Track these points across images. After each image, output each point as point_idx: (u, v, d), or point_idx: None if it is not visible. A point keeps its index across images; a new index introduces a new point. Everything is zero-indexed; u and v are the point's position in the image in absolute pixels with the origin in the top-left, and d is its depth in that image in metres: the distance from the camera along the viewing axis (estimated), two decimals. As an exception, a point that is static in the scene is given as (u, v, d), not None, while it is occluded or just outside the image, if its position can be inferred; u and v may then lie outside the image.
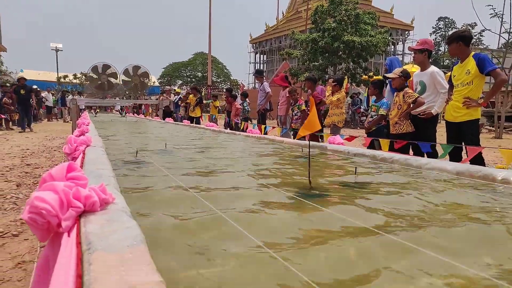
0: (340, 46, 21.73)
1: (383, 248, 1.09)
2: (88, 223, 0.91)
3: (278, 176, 2.13)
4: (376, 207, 1.47)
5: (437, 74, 4.98)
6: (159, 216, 1.33)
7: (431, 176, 2.07)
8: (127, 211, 1.03)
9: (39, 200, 0.94)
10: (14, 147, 9.43)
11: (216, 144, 4.12)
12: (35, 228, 0.96)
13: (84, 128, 4.16)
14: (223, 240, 1.11)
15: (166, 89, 17.46)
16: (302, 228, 1.25)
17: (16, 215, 3.86)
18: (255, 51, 60.42)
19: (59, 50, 40.29)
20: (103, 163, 1.82)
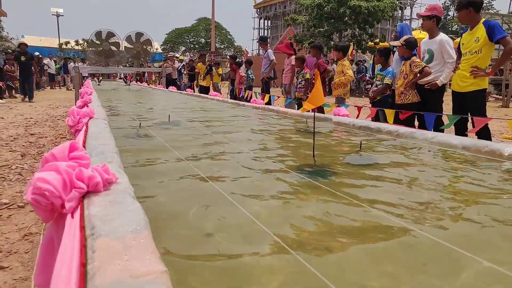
0: (346, 11, 21.22)
1: (384, 230, 1.08)
2: (91, 205, 0.91)
3: (282, 152, 2.12)
4: (381, 187, 1.46)
5: (446, 42, 4.85)
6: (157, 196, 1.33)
7: (436, 150, 2.05)
8: (130, 192, 1.02)
9: (42, 181, 0.93)
10: (18, 116, 9.44)
11: (219, 115, 4.09)
12: (39, 209, 0.96)
13: (87, 98, 4.13)
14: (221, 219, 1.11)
15: (170, 56, 16.97)
16: (302, 211, 1.24)
17: (21, 186, 3.90)
18: (259, 17, 59.25)
19: (60, 15, 39.61)
20: (106, 137, 1.81)
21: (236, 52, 48.40)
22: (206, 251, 0.94)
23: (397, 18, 43.01)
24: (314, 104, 1.72)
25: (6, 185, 3.92)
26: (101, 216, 0.82)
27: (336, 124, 3.02)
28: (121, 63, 14.20)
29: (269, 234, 1.02)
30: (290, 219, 1.15)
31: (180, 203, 1.30)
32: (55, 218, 1.01)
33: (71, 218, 0.94)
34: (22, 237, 2.80)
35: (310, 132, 2.82)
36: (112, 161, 1.33)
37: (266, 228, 1.05)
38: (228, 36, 63.69)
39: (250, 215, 1.14)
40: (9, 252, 2.57)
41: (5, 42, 25.75)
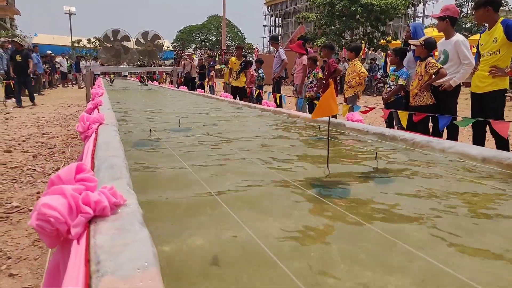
0: (358, 9, 21.00)
1: (400, 255, 1.03)
2: (97, 233, 0.87)
3: (293, 162, 2.06)
4: (397, 206, 1.40)
5: (461, 43, 4.74)
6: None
7: (455, 163, 1.98)
8: (138, 216, 0.98)
9: (47, 207, 0.89)
10: (30, 115, 9.52)
11: (229, 120, 4.04)
12: (44, 235, 0.93)
13: (97, 101, 4.12)
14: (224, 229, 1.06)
15: (188, 53, 16.28)
16: (311, 228, 1.19)
17: (32, 188, 3.91)
18: (270, 14, 59.06)
19: (72, 13, 39.91)
20: (116, 148, 1.78)
21: (247, 50, 48.37)
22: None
23: (409, 16, 42.55)
24: (324, 114, 1.65)
25: (18, 188, 3.93)
26: (107, 248, 0.78)
27: (349, 130, 2.95)
28: (132, 62, 14.24)
29: (278, 265, 0.97)
30: (300, 249, 1.10)
31: (185, 223, 1.25)
32: (61, 243, 0.97)
33: (77, 244, 0.90)
34: (32, 242, 2.79)
35: (323, 138, 2.77)
36: (121, 177, 1.29)
37: (276, 259, 1.00)
38: (239, 34, 63.67)
39: (258, 241, 1.09)
40: (18, 259, 2.56)
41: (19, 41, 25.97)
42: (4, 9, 31.32)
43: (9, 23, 31.77)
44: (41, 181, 4.18)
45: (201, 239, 1.09)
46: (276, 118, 4.00)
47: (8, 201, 3.53)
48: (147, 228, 0.92)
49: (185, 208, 1.36)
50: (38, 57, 16.68)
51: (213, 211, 1.32)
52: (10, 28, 30.13)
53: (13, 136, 6.59)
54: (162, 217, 1.26)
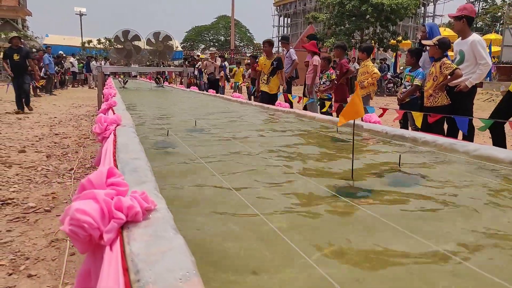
0: (368, 9, 20.90)
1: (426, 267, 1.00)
2: (132, 240, 0.85)
3: (313, 165, 2.03)
4: (426, 212, 1.36)
5: (478, 43, 4.68)
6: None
7: (480, 166, 1.93)
8: (170, 221, 0.96)
9: (81, 213, 0.88)
10: (43, 115, 9.59)
11: (243, 121, 4.01)
12: (76, 241, 0.91)
13: (112, 102, 4.12)
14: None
15: (211, 52, 14.31)
16: (342, 235, 1.17)
17: (47, 188, 3.92)
18: (279, 14, 59.02)
19: (83, 14, 40.26)
20: (137, 150, 1.76)
21: (255, 50, 48.33)
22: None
23: (420, 15, 42.25)
24: (351, 117, 1.63)
25: (33, 188, 3.95)
26: (144, 257, 0.76)
27: (368, 131, 2.91)
28: (142, 62, 14.27)
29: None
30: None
31: (212, 227, 1.23)
32: (92, 249, 0.96)
33: (110, 251, 0.89)
34: (49, 243, 2.80)
35: (342, 140, 2.74)
36: (146, 181, 1.28)
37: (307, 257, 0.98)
38: (247, 34, 63.73)
39: (292, 243, 1.07)
40: (36, 259, 2.57)
41: (30, 41, 26.26)
42: (16, 10, 31.67)
43: (21, 24, 32.09)
44: (56, 181, 4.19)
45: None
46: (292, 119, 3.97)
47: (24, 201, 3.54)
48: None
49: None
50: (50, 58, 16.82)
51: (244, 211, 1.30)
52: (21, 29, 30.43)
53: (27, 136, 6.64)
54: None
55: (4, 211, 3.31)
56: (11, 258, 2.53)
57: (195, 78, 16.46)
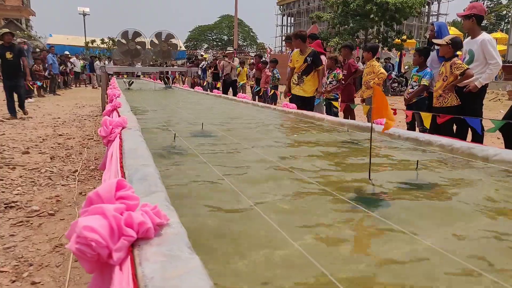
0: (373, 8, 20.77)
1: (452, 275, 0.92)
2: (144, 261, 0.78)
3: (327, 170, 1.95)
4: (448, 220, 1.29)
5: (488, 42, 4.59)
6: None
7: (503, 171, 1.85)
8: (184, 238, 0.89)
9: (88, 230, 0.81)
10: (46, 116, 9.55)
11: (250, 122, 3.94)
12: (83, 260, 0.84)
13: (116, 103, 4.06)
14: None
15: (228, 52, 13.06)
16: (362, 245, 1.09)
17: (51, 191, 3.87)
18: (282, 13, 58.95)
19: (86, 14, 40.23)
20: (144, 156, 1.69)
21: (258, 49, 48.24)
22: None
23: (424, 14, 42.06)
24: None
25: (36, 190, 3.89)
26: (160, 282, 0.69)
27: (379, 133, 2.83)
28: (146, 62, 14.21)
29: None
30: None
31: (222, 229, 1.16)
32: (100, 268, 0.89)
33: (120, 271, 0.82)
34: (53, 248, 2.73)
35: (354, 142, 2.66)
36: (156, 190, 1.21)
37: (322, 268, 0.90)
38: (250, 34, 63.61)
39: (304, 251, 1.00)
40: (40, 266, 2.50)
41: (34, 41, 26.28)
42: (20, 10, 31.70)
43: (25, 24, 32.13)
44: (60, 183, 4.14)
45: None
46: (300, 120, 3.89)
47: (28, 204, 3.49)
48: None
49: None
50: (54, 58, 16.80)
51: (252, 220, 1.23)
52: (25, 29, 30.46)
53: (30, 137, 6.59)
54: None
55: (8, 214, 3.25)
56: (14, 264, 2.47)
57: (199, 78, 16.40)
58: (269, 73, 10.82)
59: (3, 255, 2.57)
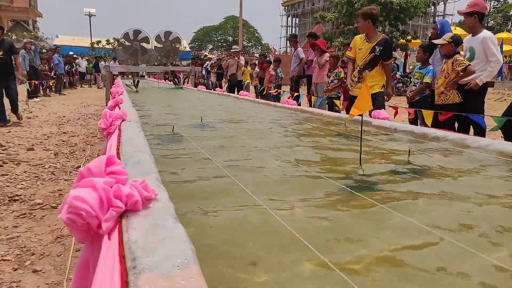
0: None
1: (436, 254, 0.96)
2: (130, 228, 0.82)
3: (323, 160, 1.99)
4: (435, 205, 1.32)
5: (489, 40, 4.60)
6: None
7: (494, 161, 1.88)
8: (171, 211, 0.93)
9: (79, 200, 0.85)
10: (52, 114, 9.65)
11: (251, 117, 3.98)
12: (74, 230, 0.89)
13: (118, 99, 4.11)
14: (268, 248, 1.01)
15: (234, 51, 12.26)
16: (353, 227, 1.13)
17: (54, 185, 3.93)
18: (287, 14, 59.02)
19: (92, 15, 40.51)
20: (141, 144, 1.74)
21: (263, 50, 48.31)
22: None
23: (430, 15, 41.93)
24: (361, 110, 1.60)
25: (40, 185, 3.96)
26: (143, 244, 0.74)
27: (376, 128, 2.87)
28: (150, 62, 14.29)
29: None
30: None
31: (221, 215, 1.21)
32: (91, 238, 0.93)
33: (108, 240, 0.86)
34: (55, 239, 2.79)
35: (350, 136, 2.69)
36: (149, 172, 1.25)
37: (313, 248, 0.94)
38: (255, 34, 63.67)
39: (295, 233, 1.04)
40: (42, 255, 2.56)
41: (41, 42, 26.51)
42: (27, 12, 31.98)
43: (32, 25, 32.42)
44: (63, 178, 4.20)
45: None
46: (300, 115, 3.93)
47: (31, 197, 3.55)
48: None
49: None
50: (60, 58, 16.95)
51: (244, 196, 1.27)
52: (32, 30, 30.74)
53: (35, 135, 6.67)
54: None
55: (12, 207, 3.31)
56: (17, 254, 2.52)
57: (203, 77, 16.48)
58: (272, 72, 10.86)
59: (6, 244, 2.63)
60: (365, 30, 4.73)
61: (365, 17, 4.65)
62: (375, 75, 4.69)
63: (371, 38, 4.67)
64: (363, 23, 4.68)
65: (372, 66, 4.68)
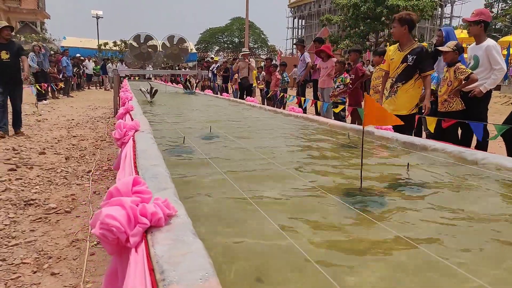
0: (383, 11, 20.82)
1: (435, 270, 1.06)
2: (156, 243, 0.94)
3: (325, 173, 2.10)
4: (431, 219, 1.43)
5: (493, 48, 4.67)
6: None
7: (490, 175, 1.98)
8: (190, 226, 1.05)
9: (110, 218, 0.97)
10: (60, 117, 9.82)
11: (256, 126, 4.08)
12: (105, 243, 1.01)
13: (129, 106, 4.24)
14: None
15: (244, 53, 11.81)
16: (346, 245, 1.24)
17: (67, 190, 4.06)
18: (293, 16, 59.13)
19: (99, 17, 40.85)
20: (155, 156, 1.86)
21: (269, 52, 48.46)
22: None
23: (436, 17, 41.85)
24: (367, 122, 1.71)
25: (53, 189, 4.10)
26: (167, 259, 0.85)
27: (378, 138, 2.97)
28: (158, 65, 14.45)
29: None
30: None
31: (224, 231, 1.32)
32: (119, 251, 1.05)
33: (135, 252, 0.98)
34: (70, 243, 2.92)
35: (353, 147, 2.80)
36: (166, 187, 1.37)
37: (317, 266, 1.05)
38: (261, 36, 63.88)
39: (300, 249, 1.15)
40: (58, 258, 2.69)
41: (48, 44, 26.81)
42: (35, 13, 32.34)
43: (40, 27, 32.77)
44: (75, 183, 4.34)
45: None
46: (304, 124, 4.03)
47: (46, 202, 3.69)
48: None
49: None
50: (68, 60, 17.17)
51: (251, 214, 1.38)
52: (40, 32, 31.08)
53: (46, 138, 6.83)
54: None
55: (27, 211, 3.45)
56: (35, 257, 2.65)
57: (209, 80, 16.63)
58: (279, 76, 10.97)
59: (25, 248, 2.77)
60: (400, 37, 4.30)
61: (402, 22, 4.20)
62: (409, 89, 4.24)
63: (404, 46, 4.28)
64: (399, 28, 4.23)
65: (406, 78, 4.23)
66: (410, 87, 4.22)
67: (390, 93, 4.39)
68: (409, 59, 4.16)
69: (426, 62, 4.18)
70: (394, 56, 4.35)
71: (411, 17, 4.20)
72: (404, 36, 4.25)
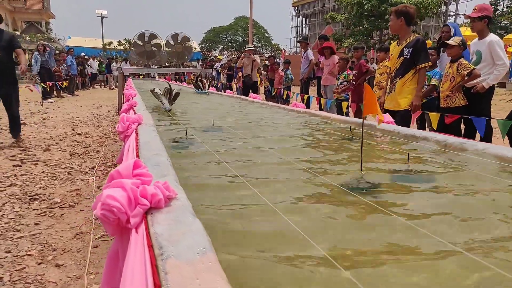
0: (387, 8, 20.72)
1: (431, 252, 1.08)
2: (155, 223, 0.96)
3: (326, 163, 2.12)
4: (428, 206, 1.44)
5: (496, 43, 4.66)
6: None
7: (490, 165, 1.98)
8: (189, 208, 1.07)
9: (111, 198, 0.99)
10: (65, 115, 9.88)
11: (259, 120, 4.10)
12: (107, 224, 1.03)
13: (132, 102, 4.27)
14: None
15: (248, 49, 11.23)
16: (349, 228, 1.26)
17: (71, 185, 4.10)
18: (297, 15, 59.07)
19: (104, 16, 41.04)
20: (158, 148, 1.88)
21: (273, 51, 48.45)
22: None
23: (441, 15, 41.67)
24: (366, 111, 1.73)
25: (58, 184, 4.13)
26: (167, 237, 0.87)
27: (380, 131, 2.98)
28: (161, 63, 14.50)
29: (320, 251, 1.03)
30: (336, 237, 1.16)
31: (227, 216, 1.34)
32: (120, 232, 1.07)
33: (136, 233, 1.00)
34: (74, 236, 2.95)
35: (355, 140, 2.81)
36: (167, 174, 1.39)
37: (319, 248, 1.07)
38: (265, 35, 63.89)
39: (298, 229, 1.17)
40: (63, 250, 2.72)
41: (53, 43, 26.94)
42: (40, 13, 32.56)
43: (45, 27, 32.96)
44: (79, 178, 4.37)
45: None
46: (307, 119, 4.04)
47: (50, 196, 3.72)
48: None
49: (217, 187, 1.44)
50: (73, 59, 17.26)
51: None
52: (45, 31, 31.25)
53: (51, 136, 6.88)
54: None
55: (32, 205, 3.49)
56: (40, 249, 2.69)
57: (213, 79, 16.66)
58: (282, 73, 10.98)
59: (29, 240, 2.80)
60: (397, 30, 4.19)
61: (397, 14, 4.08)
62: (408, 83, 4.11)
63: (402, 40, 4.16)
64: (395, 21, 4.11)
65: (403, 72, 4.10)
66: (408, 80, 4.12)
67: (390, 89, 4.35)
68: (405, 52, 4.06)
69: (422, 53, 4.04)
70: (394, 51, 4.28)
71: (407, 9, 4.07)
72: (402, 29, 4.13)
